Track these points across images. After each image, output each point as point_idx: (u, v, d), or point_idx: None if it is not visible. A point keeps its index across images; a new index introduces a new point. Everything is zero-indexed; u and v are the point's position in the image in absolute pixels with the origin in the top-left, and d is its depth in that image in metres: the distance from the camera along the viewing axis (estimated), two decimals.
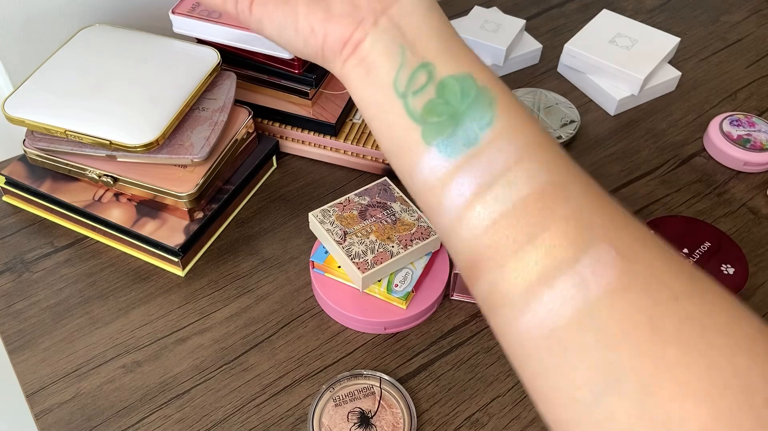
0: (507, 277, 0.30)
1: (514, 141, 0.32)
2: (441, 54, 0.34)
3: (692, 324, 0.27)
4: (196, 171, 0.61)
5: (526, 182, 0.31)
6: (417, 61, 0.34)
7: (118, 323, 0.58)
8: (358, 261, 0.56)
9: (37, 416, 0.52)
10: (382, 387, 0.53)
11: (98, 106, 0.58)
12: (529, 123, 0.33)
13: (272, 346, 0.57)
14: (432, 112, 0.33)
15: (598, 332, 0.28)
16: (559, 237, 0.29)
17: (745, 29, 0.90)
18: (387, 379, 0.54)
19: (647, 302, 0.28)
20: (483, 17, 0.82)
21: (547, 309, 0.29)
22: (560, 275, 0.29)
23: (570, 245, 0.29)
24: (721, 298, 0.29)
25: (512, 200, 0.30)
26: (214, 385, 0.54)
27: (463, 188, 0.32)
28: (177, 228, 0.61)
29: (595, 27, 0.81)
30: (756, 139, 0.72)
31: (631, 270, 0.28)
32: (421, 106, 0.33)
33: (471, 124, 0.32)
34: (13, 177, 0.64)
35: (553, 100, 0.76)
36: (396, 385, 0.53)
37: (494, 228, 0.31)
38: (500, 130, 0.32)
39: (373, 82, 0.35)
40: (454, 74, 0.33)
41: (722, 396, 0.25)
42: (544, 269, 0.29)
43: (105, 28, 0.66)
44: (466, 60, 0.34)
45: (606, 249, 0.29)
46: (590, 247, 0.29)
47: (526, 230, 0.30)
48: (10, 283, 0.60)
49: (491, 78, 0.34)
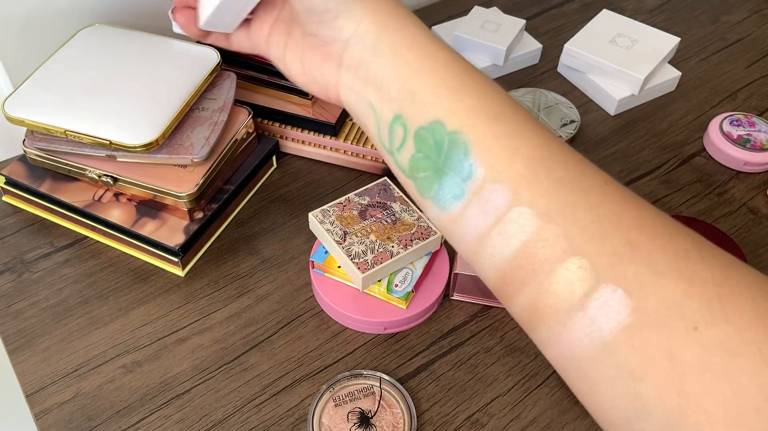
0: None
1: (502, 181, 0.30)
2: (406, 100, 0.32)
3: (715, 351, 0.26)
4: (196, 171, 0.61)
5: (528, 222, 0.30)
6: (389, 115, 0.33)
7: (118, 323, 0.58)
8: (358, 261, 0.56)
9: (37, 416, 0.52)
10: (382, 387, 0.53)
11: (98, 106, 0.58)
12: (510, 155, 0.31)
13: (272, 346, 0.57)
14: (417, 167, 0.32)
15: (618, 367, 0.28)
16: (564, 283, 0.29)
17: (745, 29, 0.90)
18: (387, 379, 0.54)
19: (663, 337, 0.27)
20: (483, 17, 0.82)
21: (567, 345, 0.29)
22: (573, 316, 0.29)
23: (578, 287, 0.29)
24: (754, 309, 0.27)
25: (514, 245, 0.30)
26: (214, 385, 0.54)
27: (471, 229, 0.31)
28: (177, 228, 0.61)
29: (595, 27, 0.81)
30: (756, 139, 0.72)
31: (642, 307, 0.28)
32: (407, 161, 0.33)
33: (454, 177, 0.31)
34: (13, 177, 0.64)
35: (553, 100, 0.76)
36: (396, 385, 0.53)
37: (504, 268, 0.31)
38: (483, 178, 0.31)
39: (368, 134, 0.35)
40: (424, 125, 0.32)
41: (754, 421, 0.25)
42: (558, 311, 0.29)
43: (105, 28, 0.66)
44: (431, 101, 0.32)
45: (611, 290, 0.28)
46: (595, 290, 0.28)
47: (533, 273, 0.30)
48: (10, 283, 0.60)
49: (463, 114, 0.31)
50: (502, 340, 0.58)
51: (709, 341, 0.27)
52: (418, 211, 0.59)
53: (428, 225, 0.58)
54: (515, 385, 0.55)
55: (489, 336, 0.58)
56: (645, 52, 0.78)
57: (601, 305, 0.28)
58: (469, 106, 0.32)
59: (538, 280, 0.30)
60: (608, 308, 0.28)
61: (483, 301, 0.60)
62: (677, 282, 0.28)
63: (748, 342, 0.26)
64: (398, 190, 0.61)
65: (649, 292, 0.28)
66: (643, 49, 0.78)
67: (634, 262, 0.28)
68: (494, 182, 0.30)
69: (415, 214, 0.59)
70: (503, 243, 0.30)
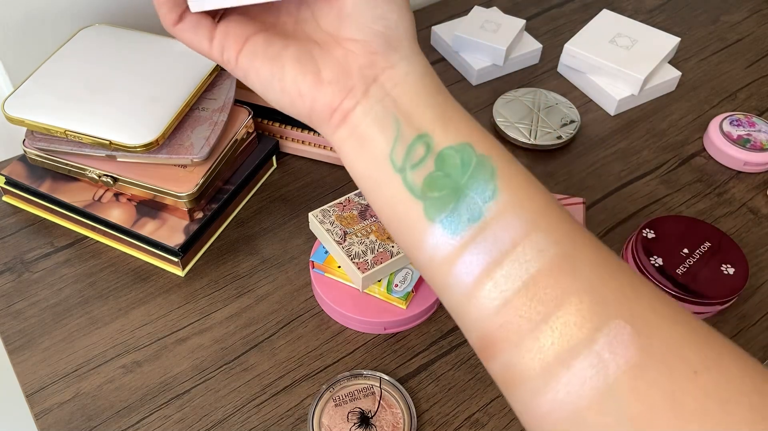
0: (523, 358, 0.29)
1: (520, 214, 0.30)
2: (438, 123, 0.32)
3: (712, 398, 0.26)
4: (196, 171, 0.61)
5: (536, 258, 0.30)
6: (413, 133, 0.32)
7: (118, 323, 0.58)
8: (358, 261, 0.56)
9: (37, 416, 0.52)
10: (382, 387, 0.53)
11: (98, 106, 0.58)
12: (533, 190, 0.31)
13: (272, 346, 0.57)
14: (433, 186, 0.31)
15: (619, 413, 0.27)
16: (572, 315, 0.28)
17: (745, 29, 0.90)
18: (387, 379, 0.54)
19: (666, 379, 0.27)
20: (483, 17, 0.82)
21: (566, 390, 0.28)
22: (577, 355, 0.28)
23: (584, 322, 0.28)
24: (738, 364, 0.28)
25: (522, 278, 0.29)
26: (214, 385, 0.54)
27: (471, 267, 0.30)
28: (177, 228, 0.61)
29: (595, 27, 0.81)
30: (756, 139, 0.72)
31: (648, 345, 0.28)
32: (421, 180, 0.32)
33: (474, 197, 0.31)
34: (13, 177, 0.64)
35: (553, 100, 0.76)
36: (396, 385, 0.53)
37: (506, 308, 0.30)
38: (504, 204, 0.30)
39: (368, 155, 0.33)
40: (454, 144, 0.32)
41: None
42: (560, 350, 0.28)
43: (105, 28, 0.66)
44: (464, 128, 0.32)
45: (621, 326, 0.28)
46: (605, 325, 0.28)
47: (539, 309, 0.29)
48: (10, 283, 0.60)
49: (491, 145, 0.32)
50: None
51: (707, 386, 0.27)
52: None
53: None
54: None
55: None
56: (645, 52, 0.78)
57: (611, 341, 0.28)
58: (493, 139, 0.33)
59: (546, 314, 0.29)
60: (617, 344, 0.28)
61: None
62: (675, 326, 0.28)
63: (740, 392, 0.27)
64: None
65: (655, 331, 0.28)
66: (643, 49, 0.78)
67: (638, 304, 0.29)
68: (513, 213, 0.30)
69: None
70: (516, 272, 0.30)
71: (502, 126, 0.74)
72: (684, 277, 0.58)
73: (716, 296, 0.57)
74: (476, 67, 0.80)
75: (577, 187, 0.70)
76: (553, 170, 0.71)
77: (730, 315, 0.60)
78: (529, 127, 0.74)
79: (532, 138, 0.72)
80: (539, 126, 0.74)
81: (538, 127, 0.73)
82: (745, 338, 0.58)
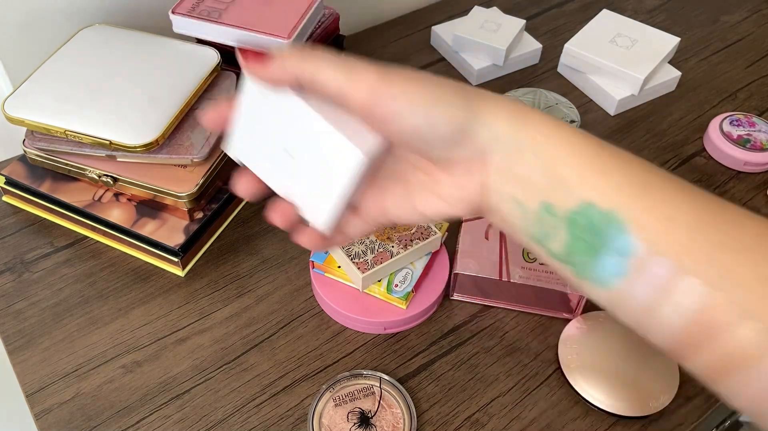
0: (738, 339, 0.30)
1: (664, 253, 0.30)
2: (552, 189, 0.32)
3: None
4: (196, 171, 0.61)
5: (697, 291, 0.30)
6: (535, 206, 0.33)
7: (118, 323, 0.58)
8: (358, 261, 0.56)
9: (37, 416, 0.52)
10: (382, 387, 0.53)
11: (98, 106, 0.58)
12: (666, 226, 0.31)
13: (272, 346, 0.57)
14: (573, 252, 0.32)
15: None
16: (745, 340, 0.29)
17: (745, 29, 0.90)
18: (387, 379, 0.54)
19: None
20: (483, 17, 0.82)
21: (762, 385, 0.29)
22: (764, 359, 0.29)
23: (761, 343, 0.29)
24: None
25: (685, 315, 0.30)
26: (214, 385, 0.54)
27: (634, 304, 0.31)
28: (177, 228, 0.61)
29: (595, 27, 0.81)
30: (756, 139, 0.72)
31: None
32: (561, 248, 0.32)
33: (613, 256, 0.31)
34: (13, 177, 0.64)
35: (553, 100, 0.76)
36: (396, 385, 0.53)
37: (677, 336, 0.31)
38: (643, 253, 0.30)
39: (511, 232, 0.35)
40: (575, 208, 0.32)
41: None
42: (744, 363, 0.29)
43: (105, 28, 0.66)
44: (578, 185, 0.32)
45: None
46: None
47: (710, 337, 0.30)
48: (10, 283, 0.60)
49: (610, 193, 0.31)
50: (502, 340, 0.58)
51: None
52: None
53: (428, 226, 0.58)
54: (515, 385, 0.55)
55: (489, 336, 0.58)
56: (645, 52, 0.78)
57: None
58: (616, 183, 0.32)
59: (716, 343, 0.30)
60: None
61: (483, 301, 0.60)
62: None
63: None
64: None
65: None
66: (643, 49, 0.78)
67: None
68: (655, 255, 0.30)
69: None
70: (673, 314, 0.30)
71: None
72: None
73: None
74: (476, 67, 0.80)
75: None
76: None
77: None
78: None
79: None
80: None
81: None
82: None
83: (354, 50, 0.85)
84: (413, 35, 0.88)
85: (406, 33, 0.88)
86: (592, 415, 0.53)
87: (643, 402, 0.52)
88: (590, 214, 0.31)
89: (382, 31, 0.88)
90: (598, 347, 0.55)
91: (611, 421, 0.53)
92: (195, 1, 0.66)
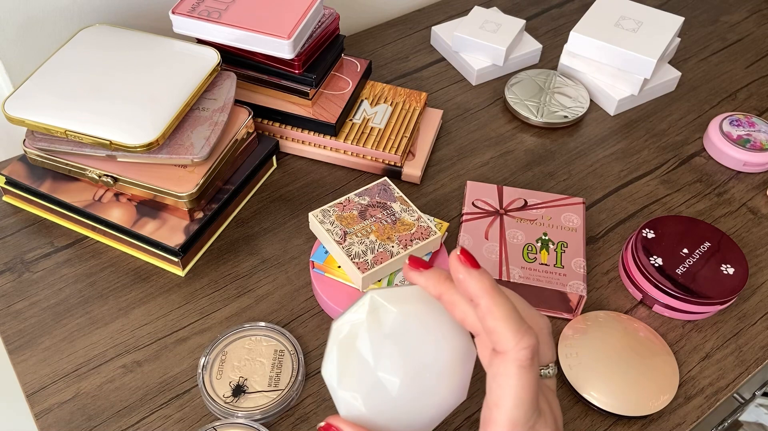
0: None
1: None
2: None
3: None
4: (196, 171, 0.61)
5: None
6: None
7: (118, 323, 0.58)
8: (358, 261, 0.56)
9: (37, 416, 0.52)
10: None
11: (98, 106, 0.59)
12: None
13: None
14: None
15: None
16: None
17: (745, 29, 0.90)
18: None
19: None
20: (483, 17, 0.82)
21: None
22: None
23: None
24: None
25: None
26: None
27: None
28: (177, 228, 0.61)
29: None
30: (756, 139, 0.72)
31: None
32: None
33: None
34: (13, 177, 0.64)
35: (563, 83, 0.79)
36: None
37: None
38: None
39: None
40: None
41: None
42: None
43: (105, 28, 0.66)
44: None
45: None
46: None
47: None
48: (10, 283, 0.60)
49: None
50: None
51: None
52: (417, 211, 0.59)
53: (428, 225, 0.58)
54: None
55: None
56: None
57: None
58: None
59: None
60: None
61: None
62: None
63: None
64: (398, 191, 0.61)
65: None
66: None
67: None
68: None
69: (415, 214, 0.59)
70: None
71: (512, 102, 0.76)
72: (684, 277, 0.58)
73: (716, 296, 0.57)
74: (476, 67, 0.80)
75: (577, 187, 0.70)
76: (553, 170, 0.71)
77: (730, 315, 0.60)
78: (538, 105, 0.76)
79: (539, 116, 0.75)
80: (547, 105, 0.76)
81: (546, 106, 0.76)
82: (744, 338, 0.58)
83: (354, 50, 0.85)
84: (413, 35, 0.88)
85: (406, 33, 0.88)
86: (591, 415, 0.53)
87: (643, 402, 0.52)
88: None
89: (382, 31, 0.88)
90: (598, 347, 0.55)
91: (611, 421, 0.53)
92: (195, 2, 0.66)
